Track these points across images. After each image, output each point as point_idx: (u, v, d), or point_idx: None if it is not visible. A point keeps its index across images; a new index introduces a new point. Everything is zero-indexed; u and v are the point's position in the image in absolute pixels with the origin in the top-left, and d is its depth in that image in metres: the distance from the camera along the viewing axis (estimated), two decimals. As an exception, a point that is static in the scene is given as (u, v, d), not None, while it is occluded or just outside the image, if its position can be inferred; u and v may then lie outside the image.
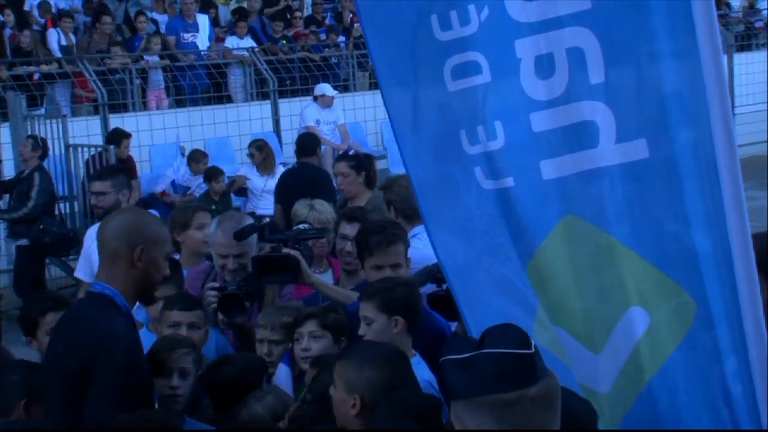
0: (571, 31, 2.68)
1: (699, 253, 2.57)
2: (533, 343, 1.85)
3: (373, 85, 14.54)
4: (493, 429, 1.81)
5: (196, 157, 11.20)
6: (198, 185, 11.06)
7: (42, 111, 11.69)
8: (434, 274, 4.01)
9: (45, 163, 9.64)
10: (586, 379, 2.67)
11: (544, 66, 2.73)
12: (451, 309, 3.89)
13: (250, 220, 4.51)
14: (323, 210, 5.09)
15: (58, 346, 3.11)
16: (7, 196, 9.75)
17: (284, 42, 14.73)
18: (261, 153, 10.56)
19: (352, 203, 6.01)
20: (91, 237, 5.75)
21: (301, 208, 5.13)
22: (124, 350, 2.97)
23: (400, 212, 4.90)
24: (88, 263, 5.65)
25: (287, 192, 7.46)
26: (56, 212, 9.77)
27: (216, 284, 4.28)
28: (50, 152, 9.89)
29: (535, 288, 2.77)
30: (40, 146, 9.59)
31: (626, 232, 2.67)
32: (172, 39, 13.70)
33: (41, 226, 8.97)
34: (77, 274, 5.91)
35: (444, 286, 3.96)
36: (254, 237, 4.35)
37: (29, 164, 9.48)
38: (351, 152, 6.70)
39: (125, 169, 6.81)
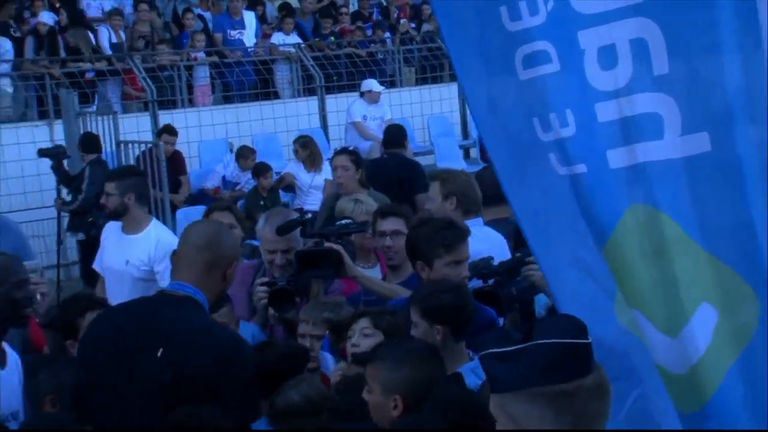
0: (634, 22, 2.68)
1: (760, 250, 2.56)
2: (588, 331, 1.86)
3: (420, 81, 14.57)
4: (550, 419, 1.82)
5: (244, 154, 11.30)
6: (246, 181, 11.16)
7: (93, 108, 11.87)
8: (480, 269, 4.00)
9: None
10: (662, 361, 2.70)
11: (607, 57, 2.74)
12: (497, 305, 3.90)
13: (296, 215, 4.55)
14: (369, 203, 5.11)
15: (157, 354, 3.00)
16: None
17: (332, 38, 14.79)
18: (305, 149, 10.61)
19: None
20: (104, 234, 5.89)
21: (345, 203, 5.15)
22: (251, 360, 3.08)
23: (462, 204, 4.84)
24: (100, 258, 5.82)
25: (374, 182, 7.11)
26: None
27: (266, 279, 4.32)
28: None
29: (612, 271, 2.81)
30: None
31: (691, 224, 2.68)
32: (219, 36, 13.83)
33: (90, 219, 9.12)
34: (94, 265, 6.00)
35: (490, 282, 3.97)
36: (298, 232, 4.38)
37: (86, 158, 9.73)
38: (351, 148, 6.71)
39: (137, 172, 6.79)
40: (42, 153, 9.81)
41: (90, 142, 9.80)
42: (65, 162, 9.70)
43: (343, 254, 4.16)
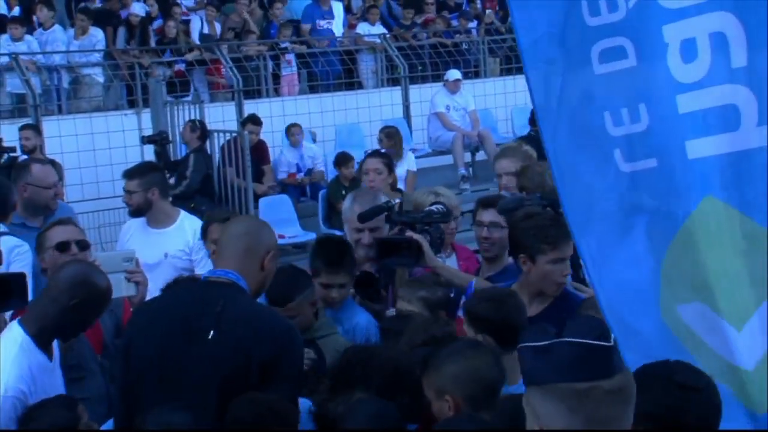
0: (715, 16, 2.80)
1: None
2: (612, 337, 1.88)
3: (505, 71, 14.43)
4: (564, 417, 1.85)
5: (290, 131, 11.45)
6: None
7: (189, 98, 12.05)
8: (524, 202, 4.01)
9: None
10: (728, 354, 2.74)
11: (689, 50, 2.84)
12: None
13: (383, 198, 4.55)
14: (449, 195, 5.09)
15: (208, 336, 3.00)
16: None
17: (414, 29, 14.77)
18: (390, 140, 10.62)
19: None
20: (124, 233, 5.90)
21: (422, 196, 5.13)
22: (302, 343, 3.13)
23: None
24: None
25: None
26: (216, 192, 10.13)
27: None
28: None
29: (673, 267, 2.87)
30: (198, 128, 10.07)
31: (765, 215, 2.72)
32: (307, 27, 13.92)
33: (192, 205, 9.32)
34: None
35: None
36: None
37: (191, 146, 10.01)
38: (383, 150, 6.60)
39: (157, 167, 6.74)
40: (146, 140, 10.08)
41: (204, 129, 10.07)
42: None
43: (424, 244, 4.17)
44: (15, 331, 3.30)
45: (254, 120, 11.07)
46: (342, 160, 10.74)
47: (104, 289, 3.36)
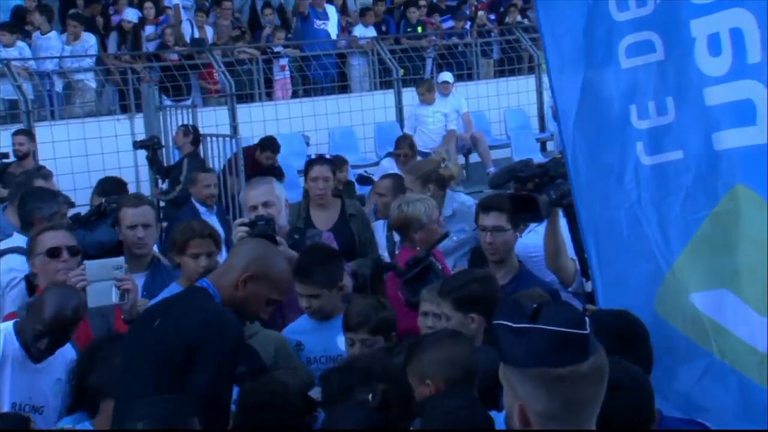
0: (734, 12, 2.88)
1: None
2: (587, 323, 1.94)
3: (498, 74, 14.44)
4: (543, 399, 1.91)
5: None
6: None
7: (188, 102, 11.91)
8: (516, 172, 3.89)
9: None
10: (751, 339, 2.80)
11: (714, 44, 2.92)
12: (536, 209, 3.72)
13: None
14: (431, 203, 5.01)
15: (154, 324, 3.18)
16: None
17: (419, 29, 14.75)
18: (410, 148, 10.01)
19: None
20: None
21: (417, 207, 4.98)
22: (236, 333, 3.10)
23: None
24: None
25: None
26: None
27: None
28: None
29: (696, 255, 2.94)
30: (191, 133, 10.00)
31: None
32: (297, 27, 13.88)
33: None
34: None
35: (529, 186, 3.81)
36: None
37: (184, 151, 9.93)
38: (328, 156, 6.65)
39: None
40: (138, 145, 10.03)
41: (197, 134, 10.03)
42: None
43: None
44: (8, 323, 3.71)
45: (273, 147, 10.49)
46: (336, 163, 10.69)
47: (75, 318, 3.64)
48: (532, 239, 4.63)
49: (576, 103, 3.23)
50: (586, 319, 1.94)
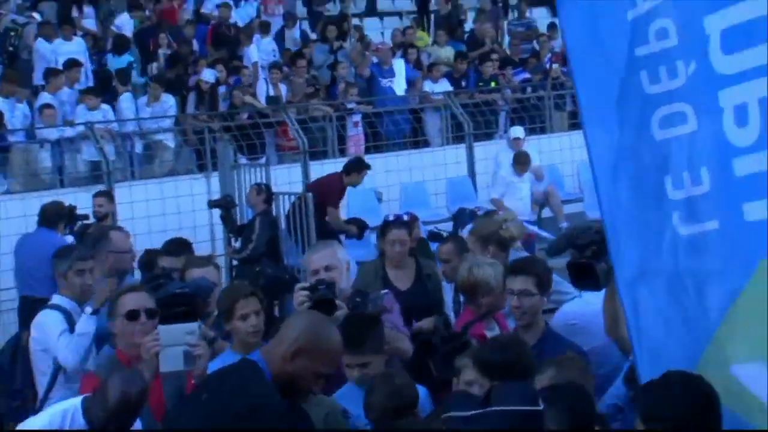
0: (763, 82, 2.89)
1: None
2: (539, 399, 1.97)
3: (572, 126, 14.38)
4: None
5: None
6: None
7: (263, 160, 12.16)
8: (575, 239, 3.87)
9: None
10: None
11: (741, 114, 2.95)
12: (594, 278, 3.74)
13: None
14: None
15: (202, 398, 3.25)
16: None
17: (492, 83, 14.82)
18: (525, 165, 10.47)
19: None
20: None
21: (484, 271, 5.00)
22: (274, 424, 3.13)
23: None
24: None
25: None
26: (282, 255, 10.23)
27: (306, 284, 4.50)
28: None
29: (733, 327, 2.92)
30: (264, 191, 10.18)
31: None
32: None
33: (258, 269, 9.43)
34: None
35: (587, 253, 3.80)
36: None
37: (256, 209, 10.10)
38: (406, 218, 6.71)
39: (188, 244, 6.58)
40: (212, 204, 10.28)
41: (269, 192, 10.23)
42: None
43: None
44: (77, 400, 3.69)
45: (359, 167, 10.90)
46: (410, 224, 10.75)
47: (139, 402, 3.61)
48: (573, 306, 4.61)
49: (611, 165, 3.25)
50: (538, 396, 1.97)
